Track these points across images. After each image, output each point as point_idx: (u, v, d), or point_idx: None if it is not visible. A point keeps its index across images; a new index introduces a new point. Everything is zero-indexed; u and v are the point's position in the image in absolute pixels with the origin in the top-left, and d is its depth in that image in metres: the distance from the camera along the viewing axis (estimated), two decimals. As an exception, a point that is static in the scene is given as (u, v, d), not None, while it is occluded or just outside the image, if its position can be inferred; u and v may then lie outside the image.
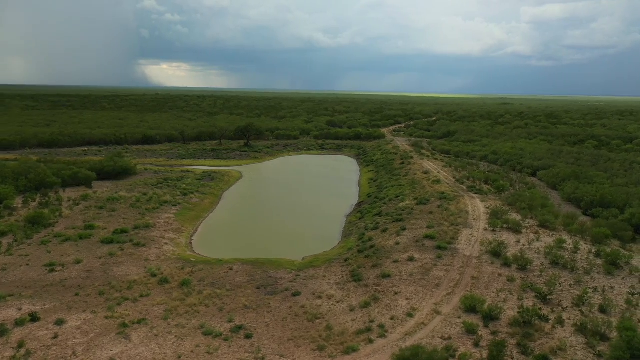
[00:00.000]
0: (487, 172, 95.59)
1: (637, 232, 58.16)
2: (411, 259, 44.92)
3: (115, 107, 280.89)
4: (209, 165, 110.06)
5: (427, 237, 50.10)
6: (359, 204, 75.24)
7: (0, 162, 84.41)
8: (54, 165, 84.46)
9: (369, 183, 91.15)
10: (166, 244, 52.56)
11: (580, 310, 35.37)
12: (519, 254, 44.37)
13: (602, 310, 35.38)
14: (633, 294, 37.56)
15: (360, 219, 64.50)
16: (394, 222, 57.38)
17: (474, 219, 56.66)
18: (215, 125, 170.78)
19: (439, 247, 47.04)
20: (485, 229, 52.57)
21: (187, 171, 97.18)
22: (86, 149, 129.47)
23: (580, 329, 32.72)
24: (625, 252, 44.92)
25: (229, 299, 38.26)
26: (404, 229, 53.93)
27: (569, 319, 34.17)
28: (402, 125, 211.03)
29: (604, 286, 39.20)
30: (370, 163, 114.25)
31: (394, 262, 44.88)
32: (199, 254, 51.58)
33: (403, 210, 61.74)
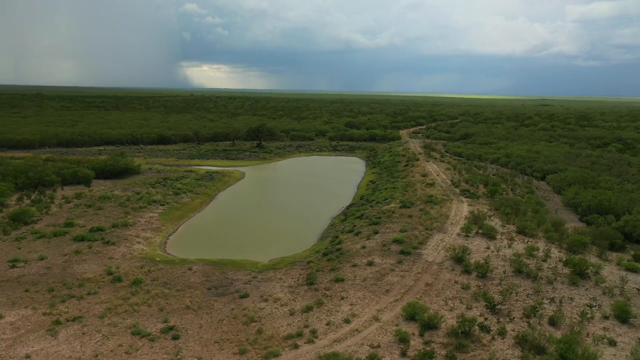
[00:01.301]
0: (493, 175, 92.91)
1: (629, 240, 55.40)
2: (370, 264, 43.94)
3: (145, 108, 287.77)
4: (215, 165, 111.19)
5: (395, 241, 48.91)
6: (349, 206, 74.36)
7: (5, 160, 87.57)
8: (58, 163, 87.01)
9: (367, 185, 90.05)
10: (139, 242, 53.25)
11: (527, 322, 33.72)
12: (483, 261, 42.77)
13: (552, 322, 33.63)
14: (591, 306, 35.53)
15: (343, 221, 63.73)
16: (370, 225, 56.35)
17: (452, 224, 55.02)
18: (230, 126, 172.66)
19: (402, 252, 45.85)
20: (459, 234, 50.94)
21: (190, 171, 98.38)
22: (102, 148, 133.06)
23: (520, 341, 31.19)
24: (596, 262, 42.59)
25: (174, 299, 38.34)
26: (376, 233, 52.88)
27: (514, 330, 32.61)
28: (424, 127, 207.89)
29: (563, 297, 37.25)
30: (377, 165, 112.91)
31: (353, 266, 44.00)
32: (169, 254, 52.05)
33: (384, 214, 60.59)
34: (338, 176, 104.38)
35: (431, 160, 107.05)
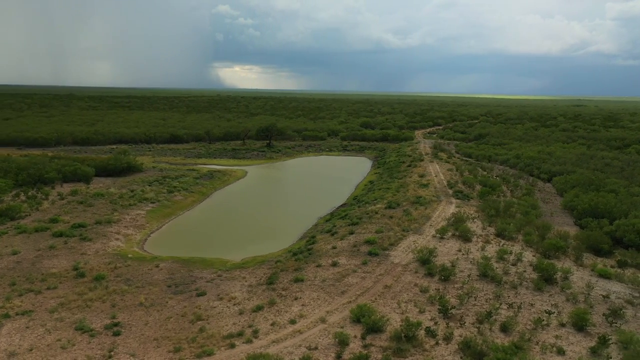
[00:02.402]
0: (496, 176, 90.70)
1: (620, 245, 53.13)
2: (335, 264, 43.33)
3: (168, 108, 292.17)
4: (220, 164, 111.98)
5: (367, 242, 48.12)
6: (341, 206, 73.64)
7: (9, 157, 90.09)
8: (62, 161, 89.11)
9: (365, 185, 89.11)
10: (117, 239, 53.93)
11: (477, 328, 32.60)
12: (449, 264, 41.70)
13: (504, 328, 32.43)
14: (550, 313, 34.06)
15: (327, 221, 63.16)
16: (348, 225, 55.63)
17: (431, 225, 53.80)
18: (241, 125, 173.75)
19: (370, 253, 45.07)
20: (434, 236, 49.75)
21: (193, 170, 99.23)
22: (114, 146, 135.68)
23: (463, 347, 30.18)
24: (566, 267, 40.88)
25: (130, 296, 38.58)
26: (352, 233, 52.16)
27: (461, 335, 31.56)
28: (441, 127, 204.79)
29: (522, 302, 35.88)
30: (381, 165, 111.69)
31: (317, 266, 43.47)
32: (145, 251, 52.49)
33: (366, 214, 59.73)
34: (340, 176, 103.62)
35: (436, 160, 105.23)
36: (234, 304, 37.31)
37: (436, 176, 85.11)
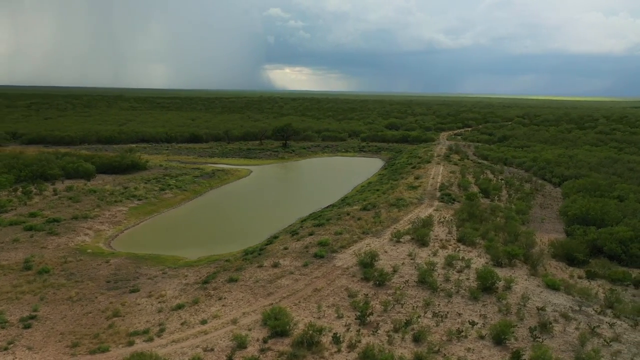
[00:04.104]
0: (501, 179, 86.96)
1: (601, 253, 49.57)
2: (275, 265, 42.48)
3: (204, 109, 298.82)
4: (228, 164, 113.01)
5: (319, 243, 46.93)
6: (326, 207, 72.44)
7: (17, 154, 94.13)
8: (68, 158, 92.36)
9: (362, 187, 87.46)
10: (86, 234, 55.14)
11: (389, 336, 30.96)
12: (390, 269, 40.00)
13: (416, 338, 30.64)
14: (474, 324, 31.94)
15: (303, 221, 62.20)
16: (314, 226, 54.53)
17: (395, 228, 51.80)
18: (263, 126, 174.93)
19: (316, 255, 43.88)
20: (390, 239, 47.92)
21: (197, 168, 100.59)
22: (135, 145, 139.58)
23: (362, 356, 28.72)
24: (511, 276, 38.30)
25: (64, 290, 39.18)
26: (311, 234, 51.07)
27: (368, 344, 30.05)
28: (470, 129, 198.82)
29: (450, 312, 33.83)
30: (389, 167, 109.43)
31: (259, 267, 42.75)
32: (110, 247, 53.32)
33: (337, 215, 58.40)
34: (344, 177, 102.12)
35: (444, 162, 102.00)
36: (159, 302, 37.16)
37: (433, 178, 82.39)
